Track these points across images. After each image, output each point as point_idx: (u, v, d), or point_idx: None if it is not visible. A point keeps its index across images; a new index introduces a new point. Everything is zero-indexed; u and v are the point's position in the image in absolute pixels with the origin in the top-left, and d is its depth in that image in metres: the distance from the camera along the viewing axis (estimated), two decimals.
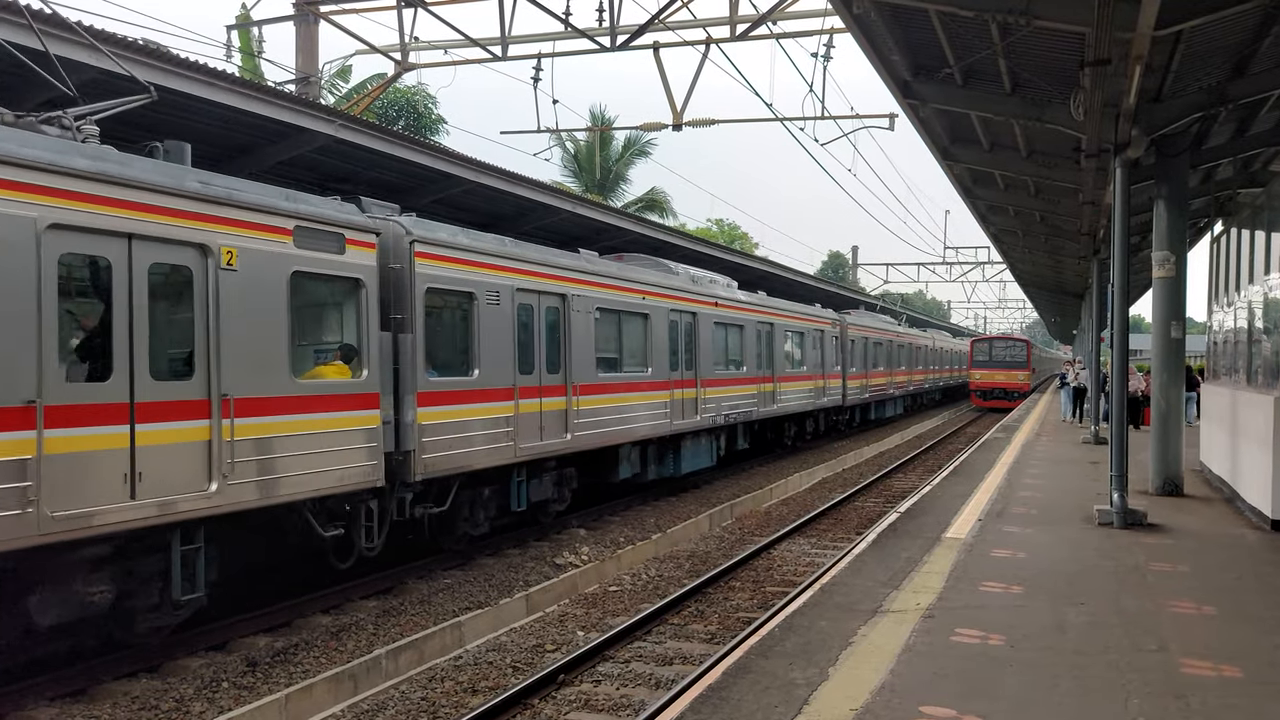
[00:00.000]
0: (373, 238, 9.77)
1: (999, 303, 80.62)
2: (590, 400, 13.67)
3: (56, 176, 6.95)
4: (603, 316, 14.24)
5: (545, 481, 13.08)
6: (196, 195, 7.94)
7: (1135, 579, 8.37)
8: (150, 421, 7.42)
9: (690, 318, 17.40)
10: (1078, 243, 22.53)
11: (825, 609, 7.40)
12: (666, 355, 16.26)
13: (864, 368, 30.85)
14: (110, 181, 7.29)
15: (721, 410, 18.51)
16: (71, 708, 7.13)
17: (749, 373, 20.29)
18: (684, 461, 17.26)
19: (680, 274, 17.80)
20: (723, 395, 18.70)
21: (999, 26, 9.66)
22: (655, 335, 15.89)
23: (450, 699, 7.34)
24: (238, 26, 20.04)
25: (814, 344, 25.43)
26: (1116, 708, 5.32)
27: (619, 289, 14.87)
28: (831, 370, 27.02)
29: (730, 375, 19.27)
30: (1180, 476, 13.08)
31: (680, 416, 16.66)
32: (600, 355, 14.14)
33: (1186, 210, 12.88)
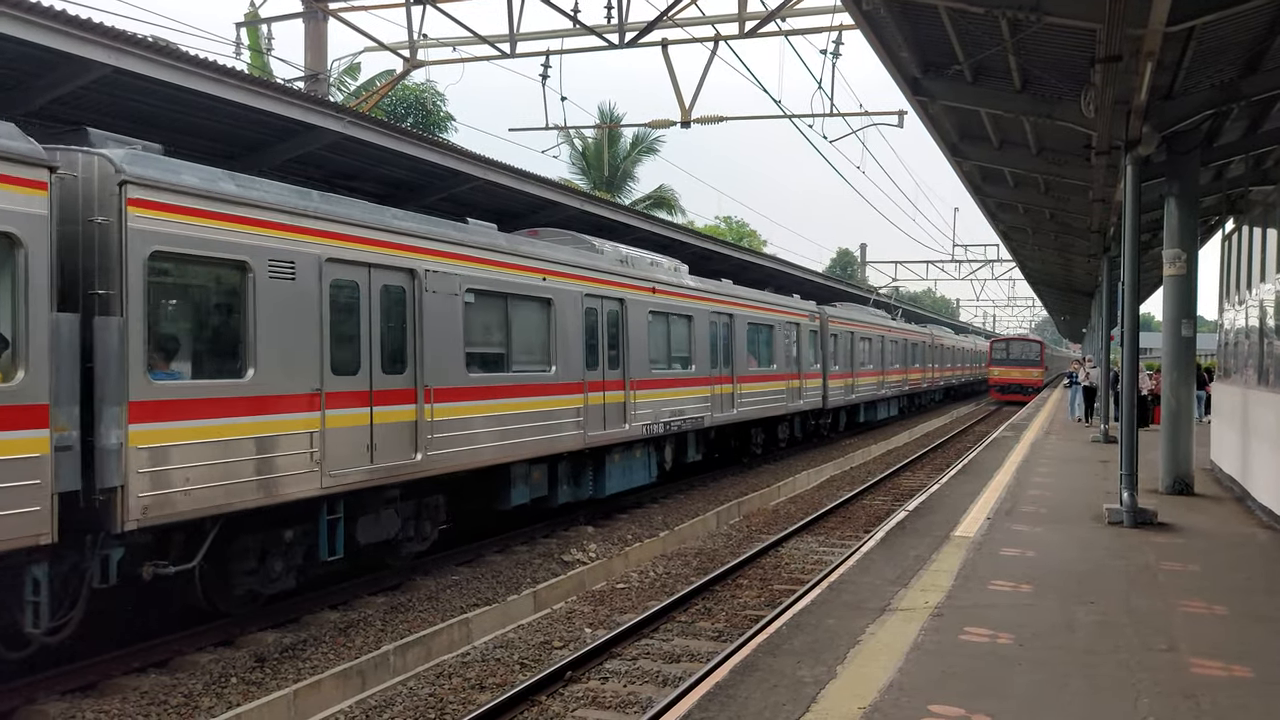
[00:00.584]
0: (44, 174, 6.76)
1: (1008, 301, 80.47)
2: (457, 409, 10.75)
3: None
4: (479, 301, 11.40)
5: (385, 517, 10.15)
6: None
7: (1145, 578, 8.33)
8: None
9: (616, 305, 14.60)
10: (1087, 240, 22.43)
11: (833, 607, 7.38)
12: (580, 351, 13.46)
13: (849, 366, 28.10)
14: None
15: (661, 417, 15.80)
16: (81, 702, 7.16)
17: (700, 372, 17.54)
18: (610, 479, 14.53)
19: (606, 253, 15.11)
20: (663, 399, 15.93)
21: (1009, 23, 9.62)
22: (562, 326, 13.04)
23: (458, 695, 7.35)
24: (247, 24, 20.08)
25: (787, 339, 22.61)
26: (1126, 707, 5.29)
27: (505, 266, 11.92)
28: (810, 369, 24.31)
29: (674, 375, 16.55)
30: (1190, 475, 13.02)
31: (601, 426, 13.89)
32: (475, 350, 11.30)
33: (1197, 208, 12.82)
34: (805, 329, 24.03)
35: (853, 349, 28.32)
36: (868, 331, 30.73)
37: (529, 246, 12.75)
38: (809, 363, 24.23)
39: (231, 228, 8.23)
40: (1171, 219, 12.50)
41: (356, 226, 9.64)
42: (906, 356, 36.92)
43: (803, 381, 23.65)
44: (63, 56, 9.08)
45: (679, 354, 17.05)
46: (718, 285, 19.52)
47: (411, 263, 10.23)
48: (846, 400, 28.00)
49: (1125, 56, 8.80)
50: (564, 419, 13.06)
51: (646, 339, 15.50)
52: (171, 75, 9.97)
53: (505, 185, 15.76)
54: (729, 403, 18.86)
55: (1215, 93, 11.12)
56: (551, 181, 18.16)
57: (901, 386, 36.04)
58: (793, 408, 22.93)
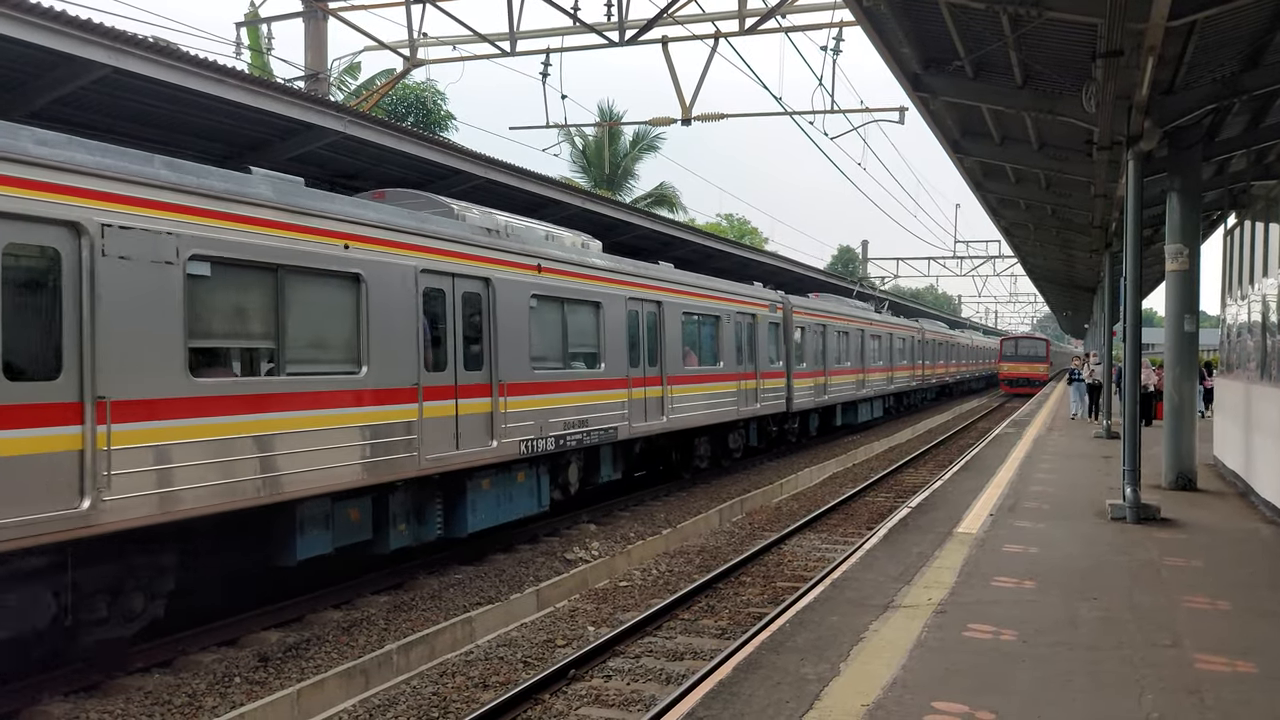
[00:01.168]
0: None
1: (1010, 297, 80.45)
2: (176, 430, 7.53)
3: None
4: (220, 276, 8.08)
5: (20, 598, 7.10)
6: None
7: (1149, 574, 8.33)
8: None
9: (480, 286, 11.25)
10: (1089, 236, 22.40)
11: (836, 604, 7.38)
12: (414, 346, 10.05)
13: (820, 364, 24.92)
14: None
15: (549, 429, 12.32)
16: (85, 703, 7.17)
17: (612, 372, 14.13)
18: (474, 513, 11.26)
19: (467, 219, 11.61)
20: (553, 406, 12.53)
21: (1010, 18, 9.60)
22: (382, 313, 9.68)
23: (461, 694, 7.35)
24: (247, 23, 20.07)
25: (739, 333, 19.41)
26: (1130, 703, 5.29)
27: (273, 226, 8.50)
28: (770, 367, 21.08)
29: (571, 376, 13.15)
30: (1194, 471, 13.01)
31: (451, 445, 10.52)
32: (209, 344, 8.16)
33: (1200, 203, 12.80)
34: (764, 321, 20.81)
35: (824, 344, 25.43)
36: (843, 325, 27.53)
37: (331, 204, 9.35)
38: (769, 360, 21.09)
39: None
40: (1173, 214, 12.49)
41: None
42: (893, 353, 33.72)
43: (760, 382, 20.40)
44: (63, 57, 9.09)
45: (581, 349, 13.68)
46: (643, 266, 16.08)
47: (83, 214, 7.21)
48: (817, 402, 24.79)
49: (1127, 51, 8.78)
50: (383, 434, 9.55)
51: (530, 331, 12.07)
52: (172, 75, 9.98)
53: (506, 184, 15.77)
54: (657, 409, 15.57)
55: (1217, 87, 11.10)
56: (552, 180, 18.17)
57: (886, 386, 32.90)
58: (746, 412, 19.73)
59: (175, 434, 7.56)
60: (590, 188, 35.73)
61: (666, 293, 16.30)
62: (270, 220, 8.51)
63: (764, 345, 20.68)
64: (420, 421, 10.10)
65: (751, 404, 19.95)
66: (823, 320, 25.45)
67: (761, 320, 20.66)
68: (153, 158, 7.77)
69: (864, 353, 29.40)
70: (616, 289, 14.48)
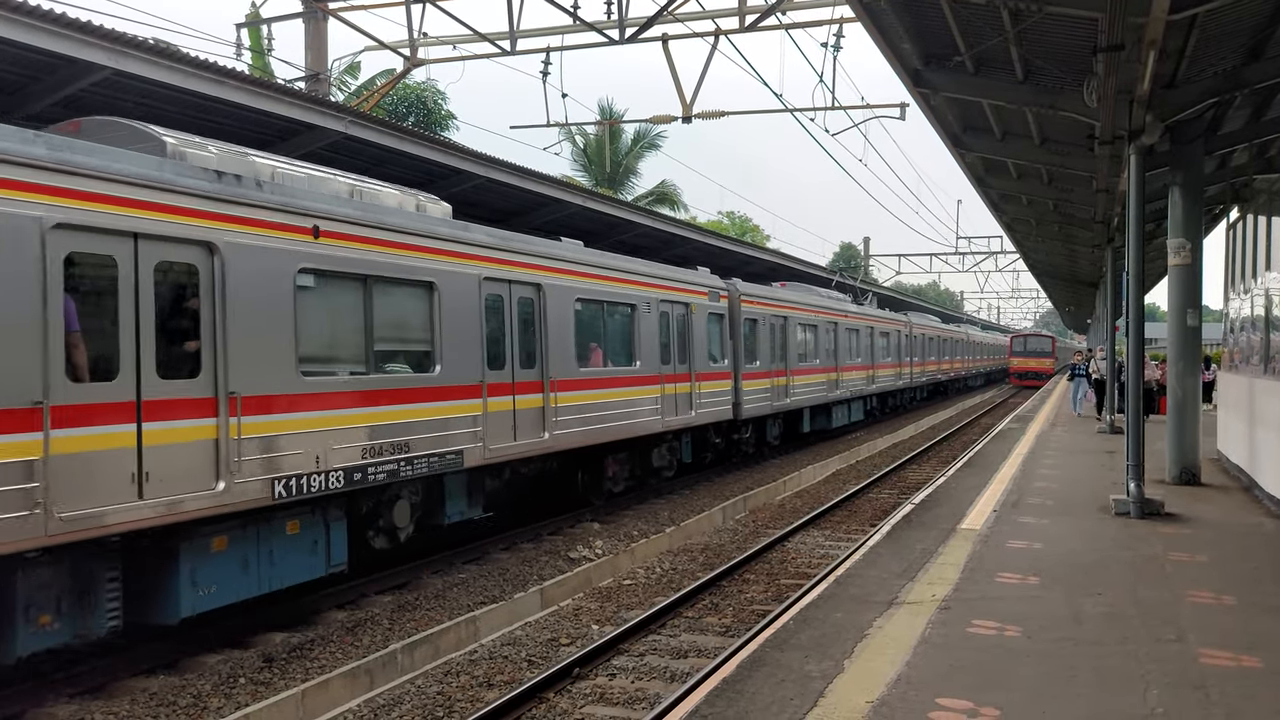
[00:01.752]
0: None
1: (1012, 292, 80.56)
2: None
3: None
4: None
5: None
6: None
7: (1153, 569, 8.31)
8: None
9: (196, 255, 7.80)
10: (1091, 231, 22.37)
11: (840, 601, 7.37)
12: (33, 343, 6.60)
13: (779, 362, 21.51)
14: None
15: (333, 460, 8.94)
16: (90, 704, 7.18)
17: (455, 377, 10.74)
18: (176, 599, 7.79)
19: (187, 157, 8.18)
20: (338, 428, 9.04)
21: (1010, 13, 9.58)
22: None
23: (466, 693, 7.35)
24: (247, 24, 20.07)
25: (665, 326, 16.02)
26: (1135, 699, 5.28)
27: None
28: (710, 367, 17.70)
29: (378, 384, 9.63)
30: (1197, 465, 12.99)
31: (128, 493, 7.09)
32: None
33: (1202, 197, 12.76)
34: (701, 312, 17.31)
35: (785, 339, 22.01)
36: (809, 317, 24.04)
37: None
38: (707, 358, 17.62)
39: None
40: (1176, 208, 12.46)
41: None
42: (874, 349, 30.34)
43: (696, 385, 17.07)
44: (64, 59, 9.10)
45: (403, 347, 10.32)
46: (515, 238, 12.40)
47: None
48: (776, 406, 21.24)
49: (1127, 45, 8.76)
50: None
51: (292, 321, 8.65)
52: (172, 76, 9.99)
53: (507, 183, 15.76)
54: (531, 423, 12.13)
55: (1218, 81, 11.07)
56: (553, 178, 18.16)
57: (866, 386, 29.43)
58: (676, 423, 16.32)
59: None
60: (591, 186, 35.73)
61: (551, 273, 12.86)
62: None
63: (701, 341, 17.32)
64: (73, 459, 6.82)
65: (684, 412, 16.66)
66: (782, 312, 22.06)
67: (698, 311, 17.21)
68: None
69: (837, 349, 25.97)
70: (462, 265, 11.00)
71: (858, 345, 28.36)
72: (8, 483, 6.40)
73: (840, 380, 26.37)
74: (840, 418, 27.22)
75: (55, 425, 6.68)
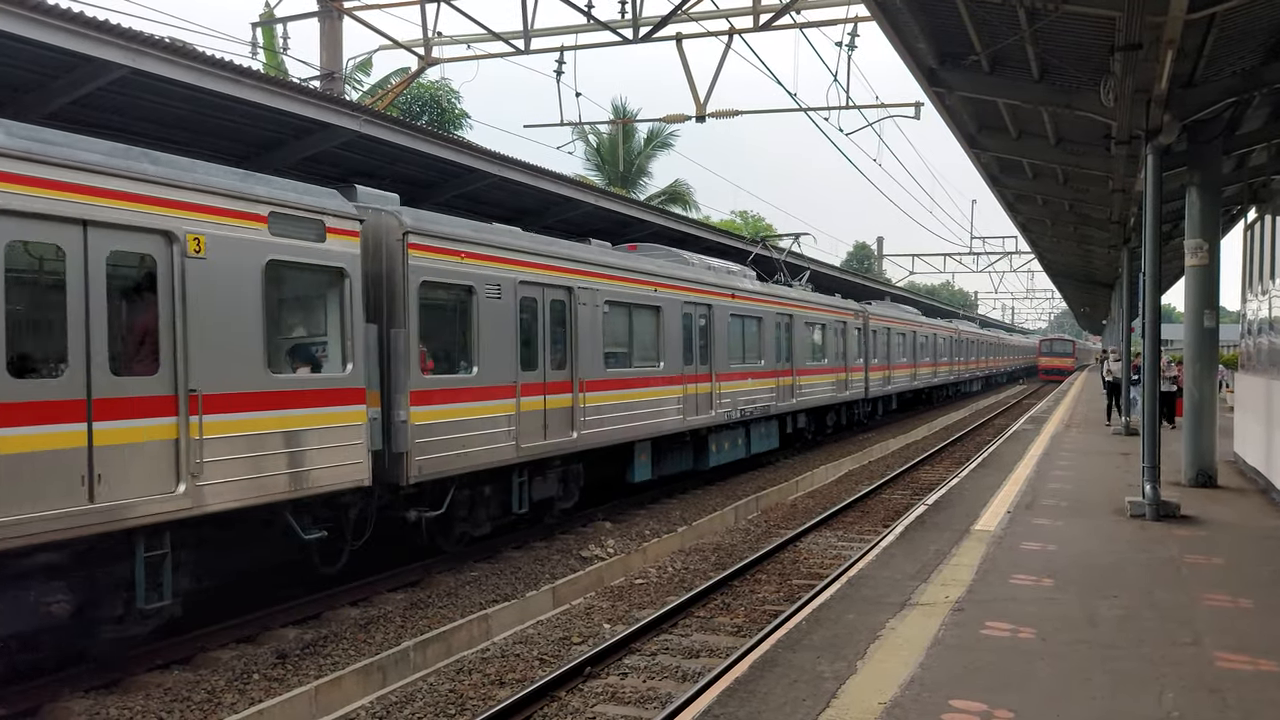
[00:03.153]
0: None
1: (1026, 293, 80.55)
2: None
3: (528, 255, 11.87)
4: None
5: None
6: None
7: (1169, 571, 8.26)
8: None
9: None
10: (1107, 231, 22.24)
11: (853, 602, 7.35)
12: None
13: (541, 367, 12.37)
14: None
15: None
16: (105, 699, 7.22)
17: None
18: None
19: None
20: None
21: (1026, 11, 9.53)
22: None
23: (478, 691, 7.36)
24: (262, 24, 20.17)
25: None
26: (1150, 702, 5.25)
27: None
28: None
29: None
30: (1214, 467, 12.90)
31: None
32: None
33: (1219, 197, 12.68)
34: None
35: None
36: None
37: None
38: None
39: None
40: (1193, 209, 12.37)
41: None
42: (791, 347, 21.20)
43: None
44: (81, 58, 9.15)
45: None
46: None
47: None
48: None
49: (1145, 44, 8.70)
50: None
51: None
52: (188, 75, 10.03)
53: (520, 182, 15.77)
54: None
55: (1237, 80, 10.99)
56: (566, 178, 18.17)
57: (771, 402, 19.76)
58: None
59: None
60: (604, 185, 35.73)
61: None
62: None
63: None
64: None
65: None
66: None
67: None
68: None
69: (691, 346, 16.35)
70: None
71: (755, 342, 19.51)
72: None
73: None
74: (676, 464, 16.68)
75: None
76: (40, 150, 6.74)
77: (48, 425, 6.61)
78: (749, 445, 19.03)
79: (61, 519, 6.63)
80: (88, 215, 6.93)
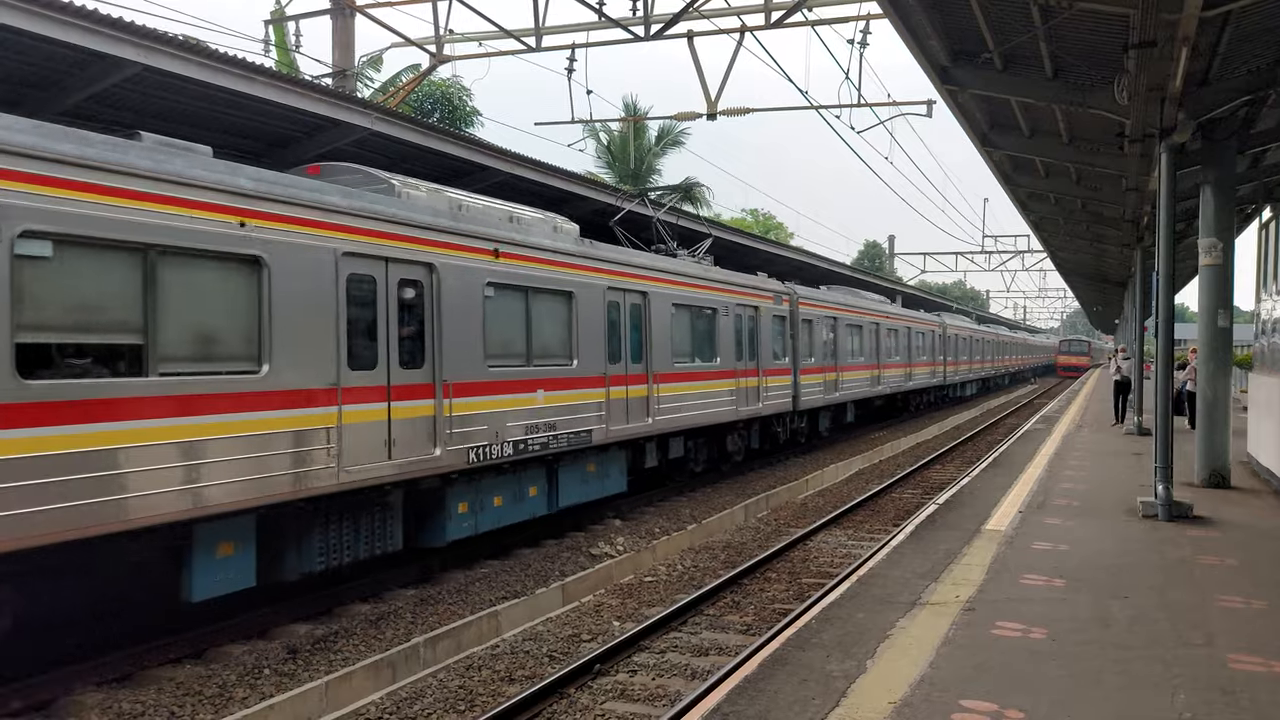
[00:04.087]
0: None
1: (1039, 292, 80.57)
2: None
3: (607, 263, 13.35)
4: None
5: None
6: None
7: (1181, 572, 8.21)
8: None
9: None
10: (1120, 230, 22.12)
11: (863, 601, 7.34)
12: None
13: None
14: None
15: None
16: (118, 692, 7.26)
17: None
18: None
19: None
20: None
21: (1040, 9, 9.49)
22: None
23: (487, 687, 7.38)
24: (274, 21, 20.22)
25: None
26: (1163, 703, 5.22)
27: None
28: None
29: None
30: (1227, 468, 12.82)
31: None
32: None
33: (1234, 196, 12.59)
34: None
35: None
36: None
37: None
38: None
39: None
40: (1207, 207, 12.30)
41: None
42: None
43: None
44: (95, 55, 9.20)
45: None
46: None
47: None
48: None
49: (1160, 42, 8.64)
50: None
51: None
52: (201, 73, 10.07)
53: (531, 179, 15.79)
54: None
55: (1252, 78, 10.91)
56: (576, 175, 18.18)
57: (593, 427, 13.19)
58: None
59: None
60: (616, 183, 35.71)
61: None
62: None
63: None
64: None
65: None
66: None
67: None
68: None
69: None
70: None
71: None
72: None
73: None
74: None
75: None
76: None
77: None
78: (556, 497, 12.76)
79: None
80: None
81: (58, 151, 6.70)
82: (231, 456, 7.75)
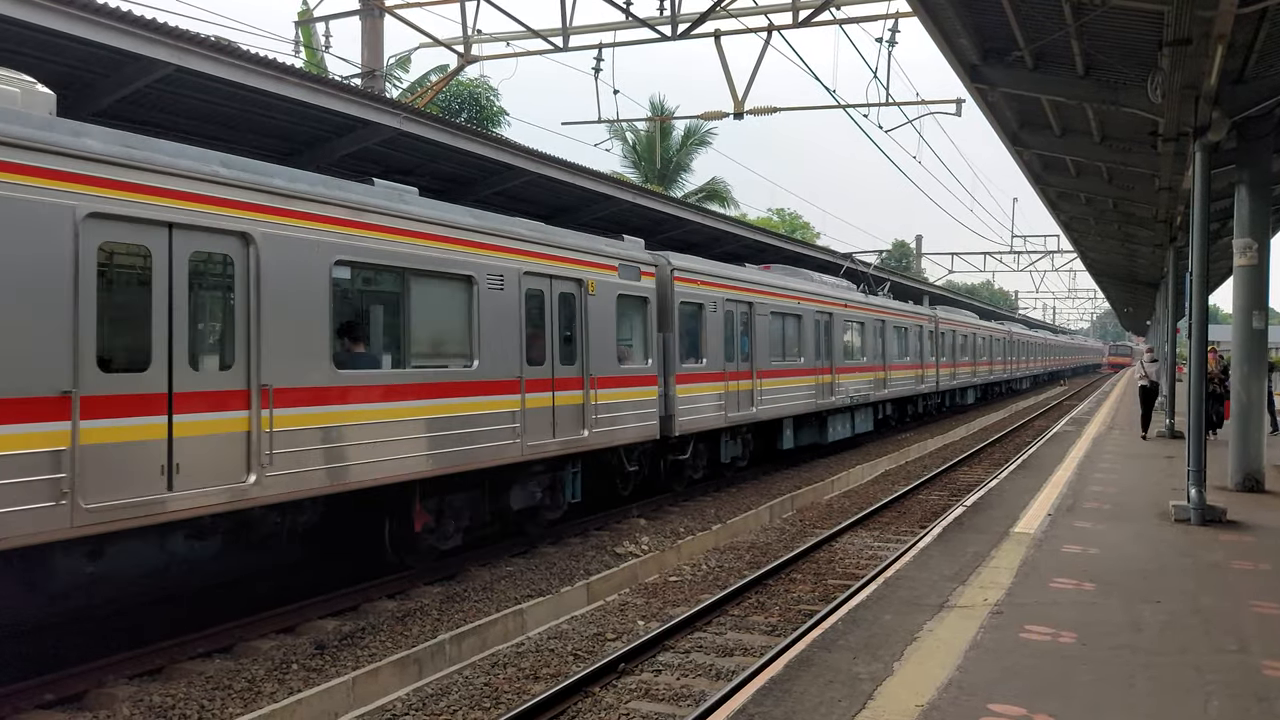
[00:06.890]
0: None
1: (1069, 293, 79.43)
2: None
3: (715, 277, 16.22)
4: None
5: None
6: None
7: (1214, 577, 8.10)
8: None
9: None
10: (1153, 230, 21.85)
11: (889, 603, 7.29)
12: None
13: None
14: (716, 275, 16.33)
15: None
16: (149, 686, 7.36)
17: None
18: None
19: None
20: None
21: (1072, 7, 9.40)
22: None
23: (512, 685, 7.40)
24: (303, 22, 20.40)
25: None
26: (1195, 709, 5.15)
27: None
28: None
29: None
30: (1261, 472, 12.62)
31: None
32: None
33: (1270, 195, 12.41)
34: None
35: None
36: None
37: None
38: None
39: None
40: (1242, 207, 12.12)
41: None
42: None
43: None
44: (129, 56, 9.32)
45: None
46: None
47: None
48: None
49: (1195, 40, 8.53)
50: None
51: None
52: (233, 73, 10.17)
53: (557, 179, 15.82)
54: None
55: None
56: (603, 175, 18.19)
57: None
58: None
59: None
60: (642, 183, 35.73)
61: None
62: None
63: None
64: None
65: None
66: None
67: None
68: None
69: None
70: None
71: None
72: None
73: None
74: None
75: None
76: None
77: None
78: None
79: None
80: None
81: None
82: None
